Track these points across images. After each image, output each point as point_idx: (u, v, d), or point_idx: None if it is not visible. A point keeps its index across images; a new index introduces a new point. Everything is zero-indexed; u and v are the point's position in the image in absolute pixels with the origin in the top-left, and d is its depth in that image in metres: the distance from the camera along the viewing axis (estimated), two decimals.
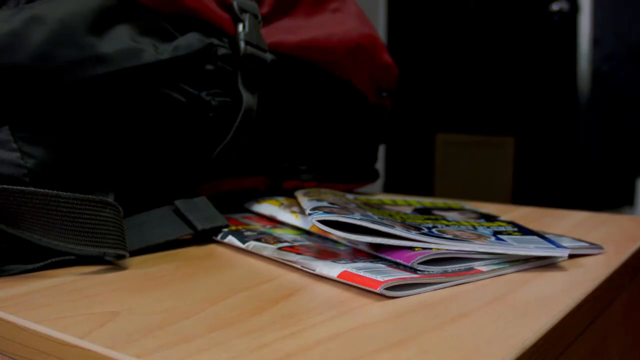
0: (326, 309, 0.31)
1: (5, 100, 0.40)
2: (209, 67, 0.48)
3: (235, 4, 0.51)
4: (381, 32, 2.30)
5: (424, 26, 2.21)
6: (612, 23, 1.84)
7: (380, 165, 2.32)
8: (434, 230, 0.41)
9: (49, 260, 0.40)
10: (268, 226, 0.50)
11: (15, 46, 0.39)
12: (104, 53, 0.42)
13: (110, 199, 0.43)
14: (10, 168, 0.40)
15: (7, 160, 0.40)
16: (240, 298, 0.33)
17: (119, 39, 0.43)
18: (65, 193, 0.37)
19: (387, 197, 0.60)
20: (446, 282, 0.35)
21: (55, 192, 0.37)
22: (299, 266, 0.38)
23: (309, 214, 0.39)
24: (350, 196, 0.54)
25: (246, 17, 0.51)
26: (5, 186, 0.36)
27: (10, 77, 0.39)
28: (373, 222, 0.38)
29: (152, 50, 0.45)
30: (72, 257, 0.40)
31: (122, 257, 0.41)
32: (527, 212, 0.61)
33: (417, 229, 0.41)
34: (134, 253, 0.43)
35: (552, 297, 0.33)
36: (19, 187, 0.37)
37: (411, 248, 0.37)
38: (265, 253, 0.41)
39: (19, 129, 0.41)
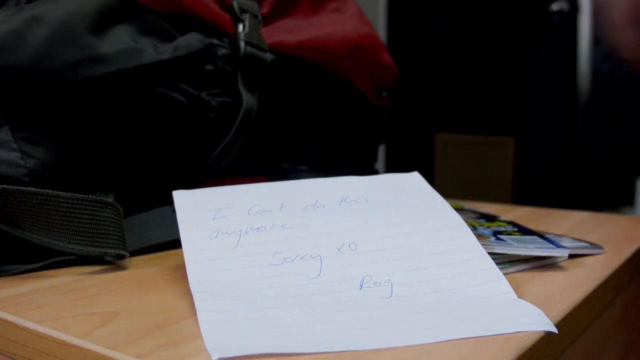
0: None
1: (5, 100, 0.40)
2: (209, 67, 0.48)
3: (235, 4, 0.51)
4: (381, 32, 2.30)
5: (424, 26, 2.21)
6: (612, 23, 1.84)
7: (380, 165, 2.32)
8: None
9: (49, 260, 0.40)
10: None
11: (16, 46, 0.39)
12: (104, 53, 0.42)
13: (110, 199, 0.43)
14: (10, 168, 0.40)
15: (7, 160, 0.40)
16: None
17: (119, 39, 0.43)
18: (64, 193, 0.37)
19: None
20: None
21: (54, 192, 0.37)
22: None
23: None
24: None
25: (246, 17, 0.51)
26: (5, 186, 0.36)
27: (11, 77, 0.39)
28: None
29: (152, 50, 0.45)
30: (72, 257, 0.40)
31: (122, 257, 0.41)
32: (527, 212, 0.61)
33: None
34: (134, 253, 0.43)
35: (552, 297, 0.33)
36: (19, 187, 0.37)
37: None
38: None
39: (19, 129, 0.41)
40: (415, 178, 0.42)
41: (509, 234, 0.43)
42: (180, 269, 0.39)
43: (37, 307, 0.32)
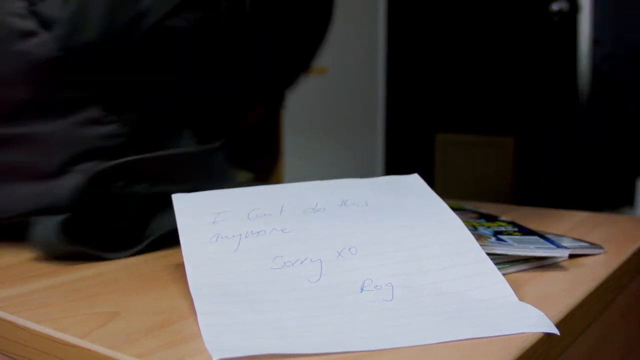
0: None
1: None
2: None
3: None
4: (381, 32, 2.30)
5: (423, 26, 2.21)
6: (612, 23, 1.84)
7: (380, 166, 2.32)
8: None
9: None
10: None
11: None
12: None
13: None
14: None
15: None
16: None
17: None
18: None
19: None
20: None
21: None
22: None
23: None
24: None
25: None
26: (159, 153, 0.43)
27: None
28: None
29: None
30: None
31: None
32: (527, 212, 0.61)
33: None
34: (135, 253, 0.43)
35: (553, 296, 0.33)
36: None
37: None
38: None
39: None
40: (414, 180, 0.42)
41: (509, 234, 0.43)
42: (181, 268, 0.39)
43: (37, 307, 0.32)
